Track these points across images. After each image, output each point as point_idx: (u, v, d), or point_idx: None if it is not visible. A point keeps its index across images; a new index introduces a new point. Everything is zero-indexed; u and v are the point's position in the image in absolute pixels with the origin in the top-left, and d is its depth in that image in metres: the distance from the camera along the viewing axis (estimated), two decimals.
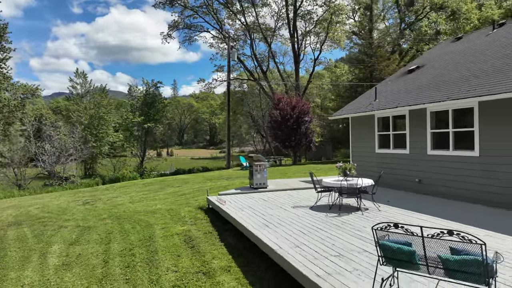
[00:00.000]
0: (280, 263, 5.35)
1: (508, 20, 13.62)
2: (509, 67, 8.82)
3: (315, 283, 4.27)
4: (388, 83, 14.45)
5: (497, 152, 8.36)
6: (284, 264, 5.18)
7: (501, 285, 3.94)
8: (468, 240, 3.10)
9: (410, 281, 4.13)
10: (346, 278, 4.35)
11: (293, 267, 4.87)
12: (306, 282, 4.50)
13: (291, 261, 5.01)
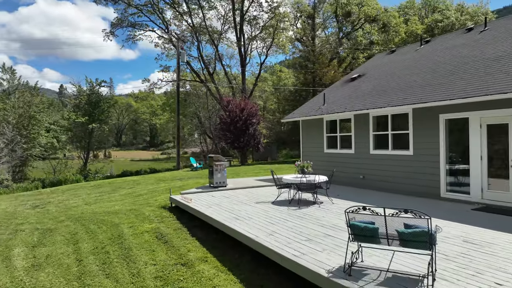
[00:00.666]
0: (259, 249, 6.07)
1: (432, 38, 15.77)
2: (436, 80, 10.47)
3: (295, 261, 5.06)
4: (334, 89, 15.89)
5: (426, 151, 9.92)
6: (262, 250, 5.91)
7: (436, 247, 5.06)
8: (419, 216, 4.10)
9: (370, 255, 5.09)
10: (319, 256, 5.21)
11: (272, 250, 5.62)
12: (286, 262, 5.27)
13: (269, 246, 5.76)
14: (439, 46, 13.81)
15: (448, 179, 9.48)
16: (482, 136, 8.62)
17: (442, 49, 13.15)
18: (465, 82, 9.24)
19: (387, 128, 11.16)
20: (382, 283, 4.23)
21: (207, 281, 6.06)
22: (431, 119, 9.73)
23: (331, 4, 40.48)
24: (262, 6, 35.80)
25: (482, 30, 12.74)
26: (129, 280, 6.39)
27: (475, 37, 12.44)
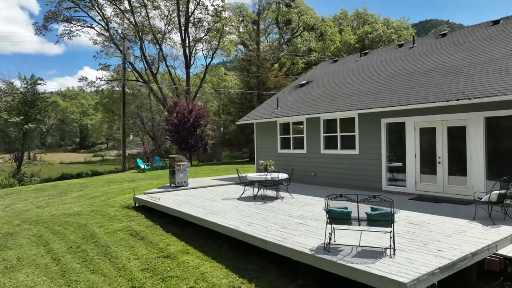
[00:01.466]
0: (243, 238, 6.80)
1: (370, 51, 17.74)
2: (378, 89, 12.07)
3: (280, 245, 5.91)
4: (285, 94, 17.09)
5: (370, 151, 11.42)
6: (247, 238, 6.66)
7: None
8: (384, 200, 5.19)
9: (340, 236, 6.11)
10: (298, 239, 6.11)
11: (257, 238, 6.40)
12: (271, 246, 6.09)
13: (254, 234, 6.53)
14: (375, 59, 15.69)
15: (388, 175, 11.06)
16: (415, 138, 10.27)
17: (379, 62, 15.00)
18: (402, 92, 10.88)
19: (336, 130, 12.54)
20: (356, 255, 5.24)
21: (194, 269, 6.64)
22: (374, 123, 11.25)
23: (273, 11, 42.24)
24: (208, 9, 36.25)
25: (411, 47, 14.80)
26: (116, 274, 6.71)
27: (406, 53, 14.43)
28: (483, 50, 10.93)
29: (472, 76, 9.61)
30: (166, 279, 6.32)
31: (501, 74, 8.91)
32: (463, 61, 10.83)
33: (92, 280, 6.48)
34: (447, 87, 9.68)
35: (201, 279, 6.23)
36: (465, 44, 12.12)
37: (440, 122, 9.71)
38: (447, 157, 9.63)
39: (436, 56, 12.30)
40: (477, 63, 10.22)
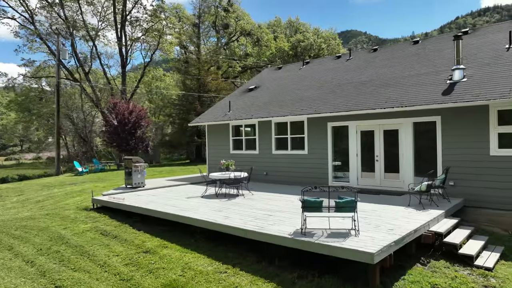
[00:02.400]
0: (223, 229, 7.50)
1: (311, 60, 19.41)
2: (323, 96, 13.52)
3: (260, 232, 6.76)
4: (234, 98, 17.91)
5: (317, 151, 12.80)
6: (227, 229, 7.37)
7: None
8: (350, 189, 6.33)
9: (310, 223, 7.15)
10: (274, 227, 7.01)
11: (237, 228, 7.17)
12: (252, 234, 6.90)
13: (233, 225, 7.28)
14: (317, 68, 17.33)
15: (334, 171, 12.53)
16: (357, 140, 11.86)
17: (321, 71, 16.62)
18: (345, 99, 12.42)
19: (287, 132, 13.73)
20: (328, 236, 6.30)
21: (177, 260, 7.17)
22: (321, 126, 12.65)
23: (211, 14, 42.81)
24: (146, 9, 35.56)
25: (348, 59, 16.67)
26: (100, 270, 6.96)
27: (344, 64, 16.24)
28: (409, 66, 12.97)
29: (403, 87, 11.45)
30: (153, 271, 6.77)
31: (425, 87, 10.81)
32: (394, 74, 12.73)
33: (77, 277, 6.66)
34: (383, 96, 11.39)
35: (187, 268, 6.80)
36: (394, 60, 14.17)
37: (378, 126, 11.39)
38: (383, 156, 11.34)
39: (372, 68, 14.18)
40: (405, 76, 12.15)
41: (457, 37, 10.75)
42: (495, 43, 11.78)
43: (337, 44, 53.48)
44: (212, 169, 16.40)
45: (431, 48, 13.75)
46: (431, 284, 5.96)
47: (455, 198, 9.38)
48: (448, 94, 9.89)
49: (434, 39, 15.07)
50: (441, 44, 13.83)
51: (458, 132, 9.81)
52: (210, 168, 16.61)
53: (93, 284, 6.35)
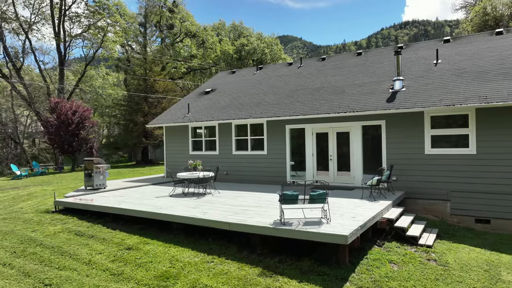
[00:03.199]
0: (206, 224, 8.06)
1: (264, 66, 20.46)
2: (281, 100, 14.57)
3: (243, 224, 7.48)
4: (191, 100, 18.27)
5: (276, 151, 13.80)
6: (211, 224, 7.95)
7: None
8: (322, 183, 7.33)
9: (289, 213, 8.03)
10: (254, 219, 7.77)
11: (221, 222, 7.80)
12: (235, 226, 7.59)
13: (217, 220, 7.91)
14: (271, 73, 18.42)
15: (291, 170, 13.62)
16: (313, 141, 13.08)
17: (275, 76, 17.73)
18: (301, 104, 13.59)
19: (247, 134, 14.54)
20: (304, 224, 7.23)
21: (163, 254, 7.60)
22: (280, 128, 13.68)
23: (156, 14, 42.12)
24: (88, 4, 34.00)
25: (299, 66, 17.99)
26: (87, 267, 7.14)
27: (296, 71, 17.52)
28: (355, 75, 14.56)
29: (352, 95, 12.91)
30: (142, 265, 7.15)
31: (371, 95, 12.35)
32: (344, 82, 14.22)
33: (65, 275, 6.80)
34: (336, 102, 12.74)
35: (175, 260, 7.29)
36: (341, 69, 15.73)
37: (331, 129, 12.71)
38: (336, 155, 12.69)
39: (322, 76, 15.58)
40: (353, 85, 13.66)
41: (397, 52, 12.46)
42: (426, 58, 13.79)
43: (279, 50, 55.72)
44: (170, 170, 16.64)
45: (373, 60, 15.53)
46: (388, 260, 7.17)
47: (398, 191, 10.94)
48: (391, 101, 11.48)
49: (374, 51, 16.98)
50: (381, 56, 15.69)
51: (400, 134, 11.43)
52: (168, 169, 16.82)
53: (84, 280, 6.56)
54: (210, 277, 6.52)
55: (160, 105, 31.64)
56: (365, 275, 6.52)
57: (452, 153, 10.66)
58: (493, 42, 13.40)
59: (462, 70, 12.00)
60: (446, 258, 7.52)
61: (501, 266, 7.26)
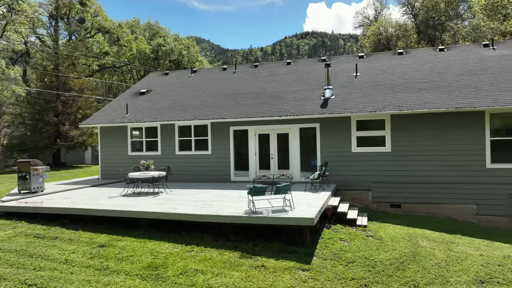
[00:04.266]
0: (184, 218, 8.61)
1: (198, 69, 21.03)
2: (224, 103, 15.47)
3: (218, 215, 8.30)
4: (125, 100, 17.94)
5: (220, 151, 14.69)
6: (188, 217, 8.54)
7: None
8: (288, 176, 8.55)
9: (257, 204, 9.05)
10: (224, 210, 8.61)
11: (195, 214, 8.47)
12: (212, 218, 8.35)
13: (190, 213, 8.55)
14: (207, 77, 19.17)
15: (235, 169, 14.64)
16: (255, 141, 14.31)
17: (212, 80, 18.54)
18: (244, 107, 14.71)
19: (190, 135, 15.11)
20: (273, 212, 8.35)
21: (142, 248, 7.98)
22: (224, 130, 14.61)
23: (66, 6, 38.90)
24: None
25: (234, 71, 19.10)
26: (67, 266, 7.18)
27: (232, 76, 18.59)
28: (289, 83, 16.26)
29: (289, 100, 14.51)
30: (124, 259, 7.47)
31: (307, 101, 14.11)
32: (280, 89, 15.78)
33: (46, 275, 6.78)
34: (277, 106, 14.18)
35: (156, 252, 7.76)
36: (276, 76, 17.32)
37: (272, 130, 14.12)
38: (277, 154, 14.13)
39: (258, 82, 16.96)
40: (289, 91, 15.31)
41: (327, 65, 14.48)
42: (347, 71, 16.16)
43: (196, 52, 56.04)
44: (106, 172, 16.24)
45: (302, 70, 17.48)
46: (339, 238, 8.74)
47: (332, 184, 12.81)
48: (325, 107, 13.36)
49: (300, 62, 19.02)
50: (308, 67, 17.74)
51: (332, 136, 13.36)
52: (103, 171, 16.35)
53: (71, 277, 6.68)
54: (197, 263, 7.23)
55: (76, 103, 29.60)
56: (325, 250, 7.94)
57: (373, 151, 12.93)
58: (397, 61, 16.39)
59: (377, 82, 14.51)
60: (379, 234, 9.41)
61: (417, 237, 9.41)
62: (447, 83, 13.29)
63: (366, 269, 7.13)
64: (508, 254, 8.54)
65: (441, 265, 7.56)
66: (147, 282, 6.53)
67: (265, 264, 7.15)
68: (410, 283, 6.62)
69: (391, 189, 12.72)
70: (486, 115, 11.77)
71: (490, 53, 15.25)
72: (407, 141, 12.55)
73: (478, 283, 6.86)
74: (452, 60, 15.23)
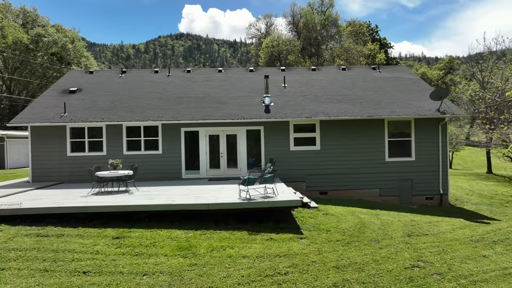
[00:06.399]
0: (188, 208, 9.70)
1: (128, 70, 20.83)
2: (170, 106, 16.30)
3: (220, 202, 9.78)
4: (53, 99, 16.83)
5: (171, 150, 15.57)
6: (192, 207, 9.69)
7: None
8: (271, 172, 10.54)
9: (252, 191, 10.71)
10: (220, 200, 10.13)
11: (199, 203, 9.73)
12: (213, 206, 9.74)
13: (195, 202, 9.77)
14: (140, 79, 19.40)
15: (186, 167, 15.73)
16: (206, 141, 15.73)
17: (146, 82, 18.89)
18: (194, 110, 15.91)
19: (139, 135, 15.53)
20: (263, 198, 10.24)
21: (158, 236, 8.88)
22: (175, 131, 15.57)
23: None
24: None
25: (168, 75, 19.82)
26: (102, 256, 7.72)
27: (168, 79, 19.30)
28: (227, 89, 18.07)
29: (234, 105, 16.39)
30: (150, 245, 8.36)
31: (251, 106, 16.22)
32: (222, 94, 17.47)
33: (91, 263, 7.28)
34: (223, 110, 15.88)
35: (175, 238, 8.82)
36: (212, 82, 18.89)
37: (222, 131, 15.78)
38: (226, 153, 15.84)
39: (198, 87, 18.27)
40: (231, 97, 17.15)
41: (266, 76, 16.91)
42: (276, 81, 18.89)
43: (82, 47, 51.84)
44: (38, 174, 15.27)
45: (235, 78, 19.52)
46: (308, 216, 11.17)
47: (276, 177, 15.23)
48: (268, 112, 15.73)
49: (230, 70, 21.02)
50: (239, 75, 19.87)
51: (274, 137, 15.80)
52: (34, 173, 15.26)
53: (117, 262, 7.39)
54: (218, 241, 8.66)
55: None
56: (305, 225, 10.26)
57: (306, 149, 15.88)
58: (314, 75, 19.94)
59: (304, 93, 17.63)
60: (330, 212, 12.22)
61: (356, 212, 12.58)
62: (357, 97, 17.23)
63: (340, 234, 9.72)
64: (412, 218, 12.36)
65: (381, 228, 10.71)
66: (189, 259, 7.71)
67: (272, 237, 9.05)
68: (372, 239, 9.47)
69: (320, 180, 15.86)
70: (385, 122, 15.94)
71: (379, 74, 20.08)
72: (332, 141, 15.89)
73: (407, 236, 10.16)
74: (355, 78, 19.50)
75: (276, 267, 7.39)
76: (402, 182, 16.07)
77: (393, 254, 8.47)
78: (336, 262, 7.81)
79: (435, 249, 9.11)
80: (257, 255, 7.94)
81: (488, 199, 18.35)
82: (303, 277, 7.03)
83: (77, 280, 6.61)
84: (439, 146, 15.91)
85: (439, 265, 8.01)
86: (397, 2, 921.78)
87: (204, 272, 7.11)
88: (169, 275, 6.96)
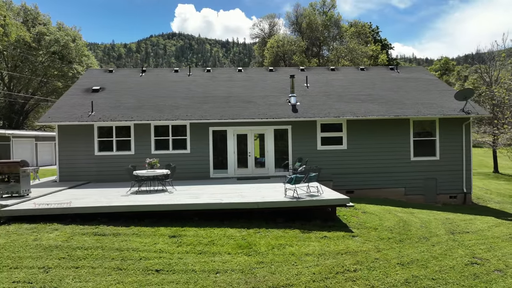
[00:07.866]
0: (239, 206, 9.71)
1: (148, 68, 20.73)
2: (198, 106, 16.27)
3: (268, 201, 9.81)
4: (76, 98, 16.68)
5: (199, 150, 15.56)
6: (243, 206, 9.69)
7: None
8: (315, 167, 10.62)
9: (290, 192, 10.74)
10: (267, 199, 10.16)
11: (250, 202, 9.76)
12: (262, 204, 9.77)
13: (246, 201, 9.80)
14: (162, 78, 19.31)
15: (214, 166, 15.73)
16: (234, 140, 15.74)
17: (169, 82, 18.82)
18: (219, 109, 15.91)
19: (168, 134, 15.47)
20: (310, 196, 10.30)
21: (214, 235, 8.89)
22: (203, 130, 15.56)
23: None
24: None
25: (189, 74, 19.78)
26: (168, 254, 7.71)
27: (189, 78, 19.25)
28: (252, 89, 18.09)
29: (261, 104, 16.42)
30: (209, 243, 8.37)
31: (278, 106, 16.28)
32: (248, 93, 17.49)
33: (160, 262, 7.27)
34: (252, 110, 15.91)
35: (231, 236, 8.83)
36: (235, 82, 18.89)
37: (250, 131, 15.81)
38: (254, 152, 15.87)
39: (221, 86, 18.27)
40: (257, 96, 17.18)
41: (292, 76, 16.97)
42: (298, 82, 18.98)
43: (83, 45, 51.31)
44: (65, 173, 15.13)
45: (257, 78, 19.56)
46: (350, 215, 11.26)
47: None
48: (295, 112, 15.80)
49: (251, 70, 21.07)
50: (260, 75, 19.92)
51: (301, 136, 15.88)
52: (61, 172, 15.12)
53: (185, 260, 7.39)
54: (274, 240, 8.70)
55: None
56: (351, 223, 10.35)
57: (333, 149, 15.99)
58: (334, 75, 20.06)
59: (327, 93, 17.75)
60: (367, 210, 12.34)
61: (391, 211, 12.71)
62: (380, 97, 17.40)
63: (388, 232, 9.83)
64: (446, 217, 12.55)
65: (423, 226, 10.85)
66: (253, 257, 7.75)
67: (326, 235, 9.12)
68: (421, 237, 9.60)
69: (346, 179, 15.98)
70: (411, 122, 16.13)
71: (397, 75, 20.29)
72: (358, 140, 16.03)
73: (450, 233, 10.31)
74: (375, 78, 19.68)
75: (343, 264, 7.47)
76: (427, 181, 16.27)
77: (447, 251, 8.61)
78: (398, 259, 7.91)
79: (483, 246, 9.27)
80: (318, 253, 8.00)
81: (508, 198, 18.69)
82: (373, 274, 7.12)
83: (153, 278, 6.60)
84: (463, 145, 16.15)
85: (495, 261, 8.16)
86: (388, 3, 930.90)
87: (275, 269, 7.15)
88: (241, 272, 6.99)
